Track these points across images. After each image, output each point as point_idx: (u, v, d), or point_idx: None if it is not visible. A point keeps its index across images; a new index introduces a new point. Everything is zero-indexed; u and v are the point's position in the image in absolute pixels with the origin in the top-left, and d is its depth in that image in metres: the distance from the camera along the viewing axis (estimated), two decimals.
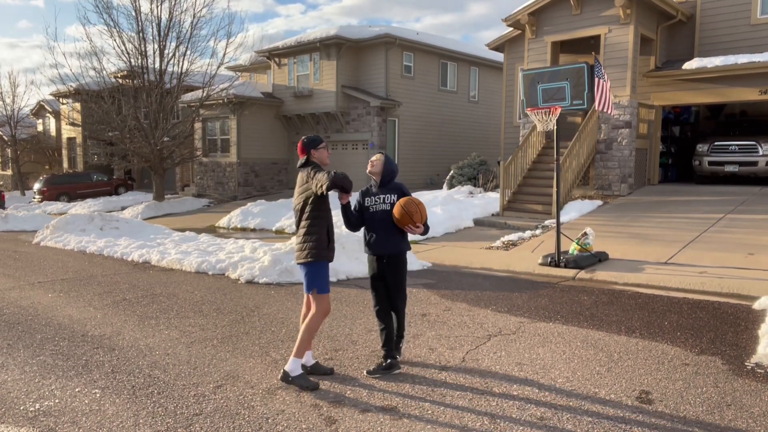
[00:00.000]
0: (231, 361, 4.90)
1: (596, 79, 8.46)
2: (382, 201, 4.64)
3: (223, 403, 4.06)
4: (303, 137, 4.55)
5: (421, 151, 22.87)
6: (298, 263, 4.45)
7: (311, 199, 4.35)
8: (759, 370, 4.48)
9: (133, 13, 20.29)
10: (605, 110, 8.79)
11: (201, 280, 8.51)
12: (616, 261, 8.73)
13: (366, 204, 4.70)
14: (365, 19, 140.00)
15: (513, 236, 10.97)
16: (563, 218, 11.68)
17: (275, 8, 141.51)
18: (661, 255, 8.78)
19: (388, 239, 4.62)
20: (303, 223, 4.41)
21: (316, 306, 4.37)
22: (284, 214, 15.49)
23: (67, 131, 32.29)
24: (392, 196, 4.63)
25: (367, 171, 4.75)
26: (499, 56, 22.38)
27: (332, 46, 21.15)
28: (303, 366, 4.42)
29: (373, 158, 4.77)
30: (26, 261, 10.63)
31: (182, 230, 14.01)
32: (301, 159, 4.47)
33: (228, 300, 7.20)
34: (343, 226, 4.95)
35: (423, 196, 15.99)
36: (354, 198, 4.62)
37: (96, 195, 26.96)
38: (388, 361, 4.60)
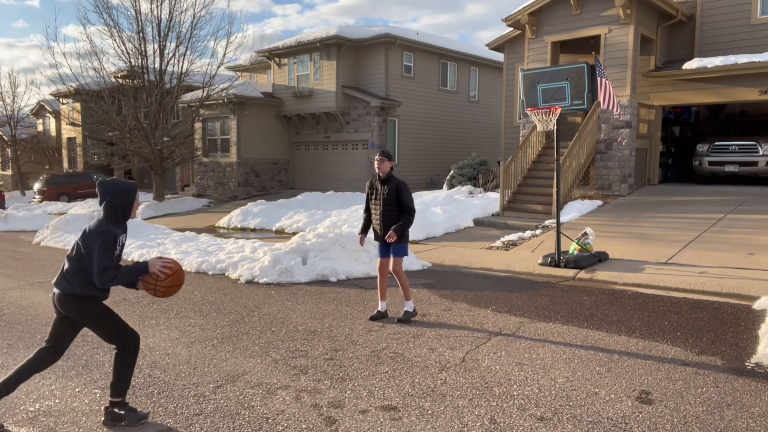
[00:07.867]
0: (231, 361, 4.90)
1: (599, 79, 8.46)
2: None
3: (223, 403, 4.06)
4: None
5: (421, 151, 22.88)
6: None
7: None
8: (759, 370, 4.48)
9: (133, 13, 20.31)
10: (610, 108, 8.77)
11: (201, 280, 8.51)
12: (616, 261, 8.73)
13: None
14: (362, 19, 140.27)
15: (513, 236, 10.97)
16: (563, 218, 11.68)
17: (272, 8, 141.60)
18: (661, 255, 8.78)
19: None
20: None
21: None
22: (284, 214, 15.46)
23: (67, 131, 32.28)
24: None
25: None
26: (499, 56, 22.39)
27: (332, 46, 21.15)
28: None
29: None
30: (26, 261, 10.63)
31: (182, 230, 14.01)
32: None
33: (228, 300, 7.20)
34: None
35: (423, 196, 16.00)
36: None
37: (96, 195, 26.95)
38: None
